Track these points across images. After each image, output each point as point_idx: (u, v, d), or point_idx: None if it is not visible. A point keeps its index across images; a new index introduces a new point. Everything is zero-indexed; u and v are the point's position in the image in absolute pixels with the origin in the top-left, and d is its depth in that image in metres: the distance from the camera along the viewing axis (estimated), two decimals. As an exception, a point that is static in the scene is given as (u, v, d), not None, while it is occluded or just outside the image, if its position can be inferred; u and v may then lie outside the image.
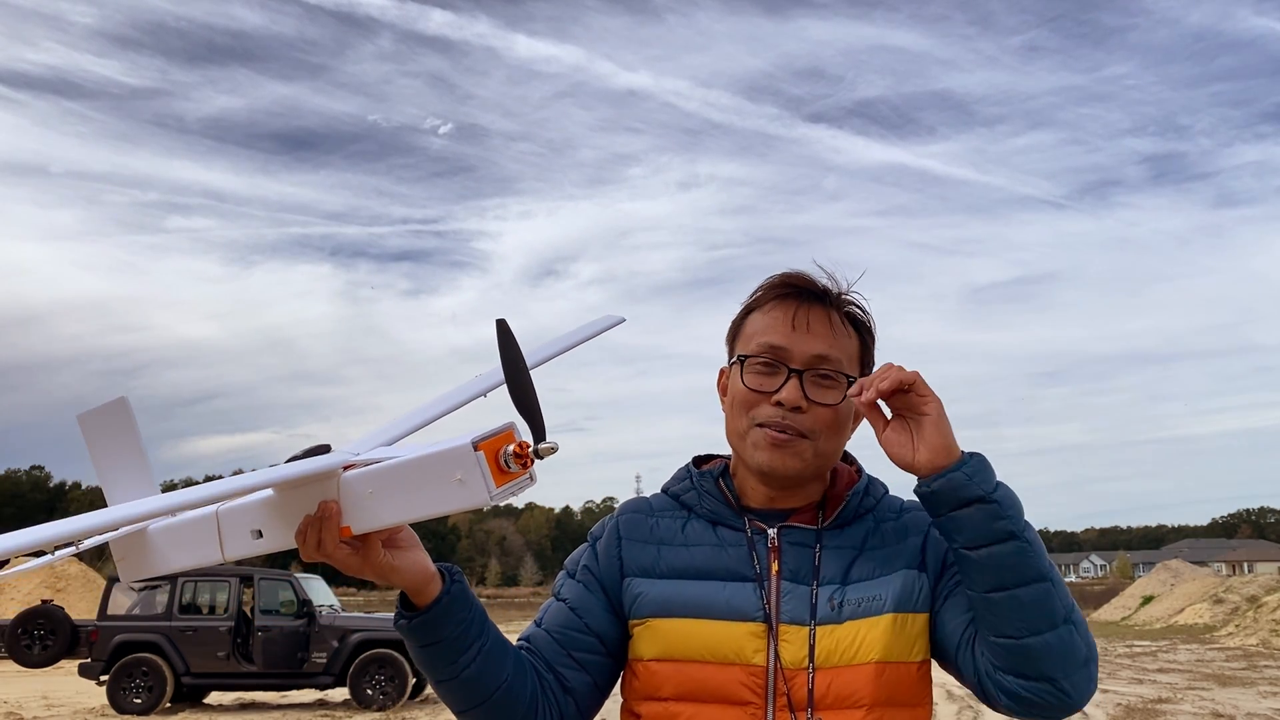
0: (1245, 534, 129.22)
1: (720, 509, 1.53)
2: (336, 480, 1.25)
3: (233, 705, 15.25)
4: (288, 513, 1.29)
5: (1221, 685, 15.54)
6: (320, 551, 1.26)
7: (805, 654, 1.40)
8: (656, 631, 1.45)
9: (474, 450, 1.15)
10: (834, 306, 1.51)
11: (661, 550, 1.51)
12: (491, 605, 65.61)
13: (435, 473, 1.18)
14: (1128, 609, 41.42)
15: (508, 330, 1.20)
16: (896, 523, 1.52)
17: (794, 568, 1.46)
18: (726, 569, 1.47)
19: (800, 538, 1.48)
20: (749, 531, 1.49)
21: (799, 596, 1.44)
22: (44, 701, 15.20)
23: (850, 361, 1.50)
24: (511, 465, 1.17)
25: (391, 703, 13.97)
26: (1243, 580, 38.57)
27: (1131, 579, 65.66)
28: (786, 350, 1.47)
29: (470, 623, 1.38)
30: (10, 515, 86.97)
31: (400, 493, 1.21)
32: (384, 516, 1.23)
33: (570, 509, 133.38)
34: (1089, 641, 1.36)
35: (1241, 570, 71.68)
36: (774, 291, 1.52)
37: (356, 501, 1.24)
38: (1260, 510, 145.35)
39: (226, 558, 1.36)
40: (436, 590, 1.36)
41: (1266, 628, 26.63)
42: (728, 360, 1.57)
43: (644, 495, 1.64)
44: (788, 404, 1.45)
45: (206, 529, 1.36)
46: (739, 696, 1.40)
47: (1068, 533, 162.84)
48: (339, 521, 1.25)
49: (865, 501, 1.53)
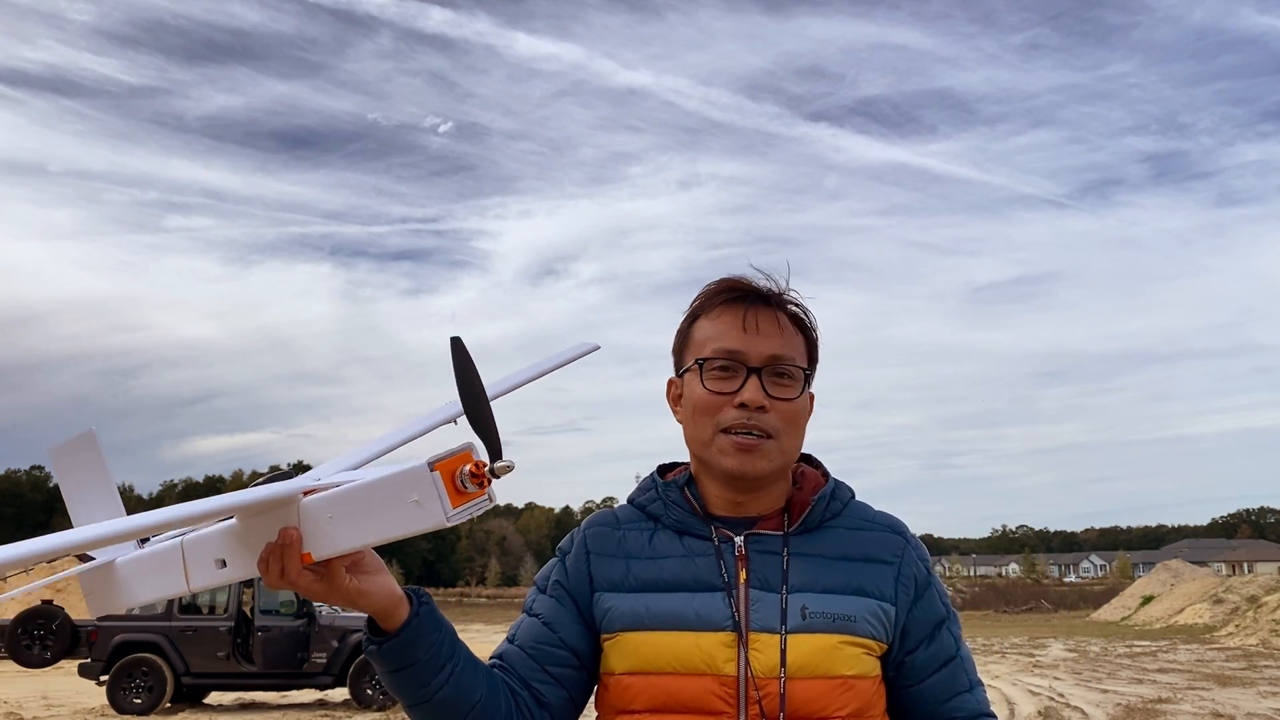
0: (1245, 534, 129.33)
1: (686, 518, 1.53)
2: (296, 506, 1.24)
3: (233, 705, 15.24)
4: (250, 541, 1.28)
5: (1221, 685, 15.54)
6: (284, 579, 1.25)
7: (776, 662, 1.41)
8: (627, 645, 1.46)
9: (430, 471, 1.14)
10: (778, 307, 1.53)
11: (630, 564, 1.51)
12: (491, 605, 65.49)
13: (392, 495, 1.17)
14: (1128, 609, 41.42)
15: (463, 348, 1.20)
16: (870, 534, 1.53)
17: (762, 575, 1.46)
18: (695, 579, 1.47)
19: (767, 544, 1.49)
20: (716, 540, 1.49)
21: (768, 604, 1.44)
22: (44, 701, 15.20)
23: (801, 358, 1.52)
24: (468, 485, 1.15)
25: (391, 703, 13.96)
26: (1243, 580, 38.59)
27: (1131, 579, 65.68)
28: (743, 352, 1.48)
29: (441, 644, 1.37)
30: (10, 515, 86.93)
31: (359, 516, 1.20)
32: (344, 541, 1.22)
33: (570, 509, 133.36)
34: None
35: (1241, 570, 71.71)
36: (719, 297, 1.54)
37: (317, 527, 1.23)
38: (1260, 510, 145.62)
39: (192, 589, 1.35)
40: (405, 614, 1.35)
41: (1266, 628, 26.63)
42: (675, 370, 1.58)
43: (610, 507, 1.65)
44: (751, 404, 1.46)
45: (171, 560, 1.35)
46: (711, 706, 1.40)
47: (1068, 533, 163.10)
48: (300, 548, 1.23)
49: (832, 506, 1.53)
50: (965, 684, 1.52)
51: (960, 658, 1.53)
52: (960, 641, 1.55)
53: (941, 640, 1.51)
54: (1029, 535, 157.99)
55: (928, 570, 1.54)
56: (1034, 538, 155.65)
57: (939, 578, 1.56)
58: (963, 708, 1.51)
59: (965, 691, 1.52)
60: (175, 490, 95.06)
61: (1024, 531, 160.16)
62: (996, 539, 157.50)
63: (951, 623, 1.54)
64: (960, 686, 1.52)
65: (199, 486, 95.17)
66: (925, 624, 1.50)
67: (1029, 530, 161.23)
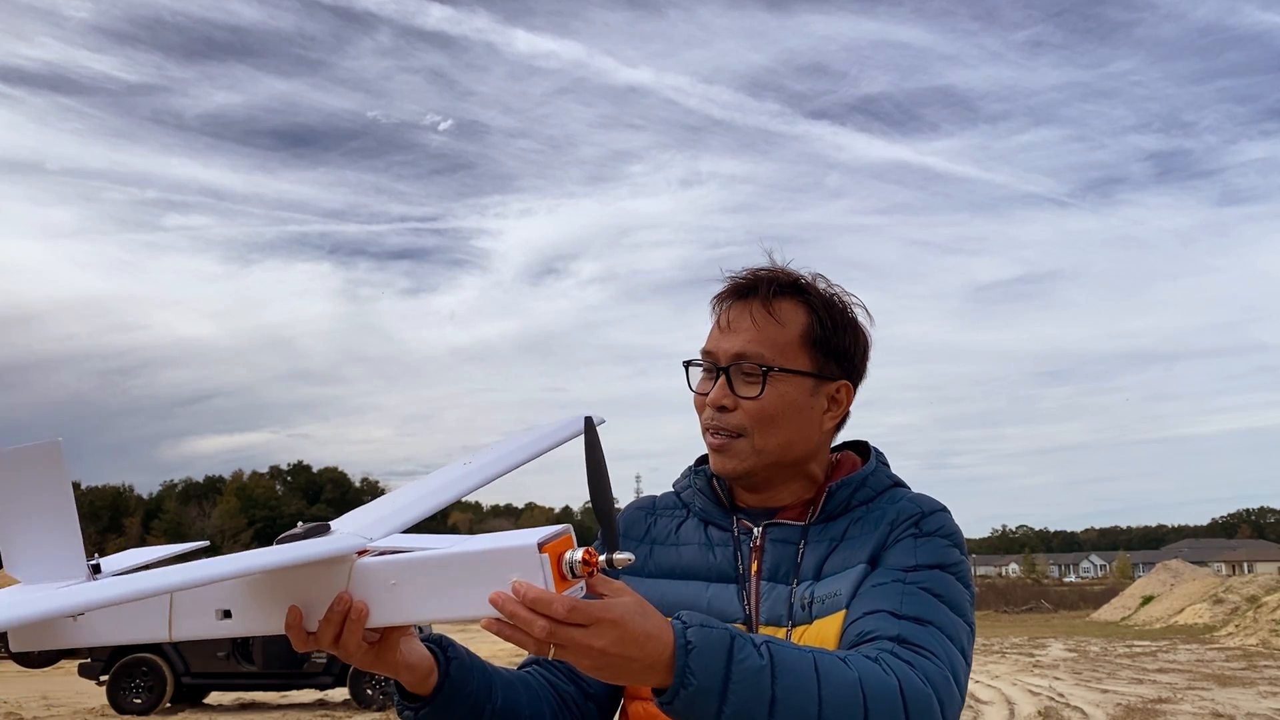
0: (1245, 534, 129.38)
1: (711, 508, 1.53)
2: (349, 567, 1.14)
3: (233, 705, 15.24)
4: (274, 595, 1.17)
5: (1221, 685, 15.54)
6: (337, 647, 1.15)
7: None
8: None
9: (539, 552, 1.05)
10: (765, 297, 1.47)
11: (654, 550, 1.53)
12: (491, 605, 65.32)
13: (486, 570, 1.06)
14: (1128, 609, 41.41)
15: (594, 431, 1.12)
16: (888, 511, 1.45)
17: (773, 567, 1.44)
18: (712, 569, 1.47)
19: (785, 535, 1.47)
20: (735, 531, 1.49)
21: (778, 596, 1.42)
22: (44, 701, 15.19)
23: (779, 351, 1.45)
24: (576, 573, 1.06)
25: (391, 702, 13.94)
26: (1243, 580, 38.58)
27: (1131, 579, 65.66)
28: (713, 352, 1.49)
29: (476, 692, 1.33)
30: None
31: (436, 588, 1.10)
32: (410, 612, 1.12)
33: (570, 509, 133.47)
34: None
35: (1241, 570, 71.69)
36: (719, 294, 1.53)
37: (374, 593, 1.13)
38: (1260, 510, 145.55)
39: (175, 638, 1.22)
40: (436, 676, 1.30)
41: (1266, 628, 26.63)
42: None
43: (654, 494, 1.65)
44: (712, 404, 1.46)
45: (154, 601, 1.21)
46: None
47: (1068, 533, 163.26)
48: (366, 620, 1.13)
49: (860, 493, 1.48)
50: (881, 606, 1.32)
51: (904, 586, 1.34)
52: (936, 596, 1.34)
53: (891, 574, 1.37)
54: (1029, 535, 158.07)
55: (925, 531, 1.41)
56: (1034, 538, 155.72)
57: (958, 555, 1.41)
58: (864, 626, 1.31)
59: (875, 613, 1.31)
60: (175, 490, 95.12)
61: (1024, 531, 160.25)
62: (996, 539, 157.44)
63: (925, 574, 1.37)
64: (871, 607, 1.32)
65: (199, 486, 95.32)
66: (888, 568, 1.38)
67: (1029, 530, 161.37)
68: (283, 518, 79.00)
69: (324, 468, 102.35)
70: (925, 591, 1.34)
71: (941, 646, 1.28)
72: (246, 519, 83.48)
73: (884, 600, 1.33)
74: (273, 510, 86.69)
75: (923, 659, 1.24)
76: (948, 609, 1.34)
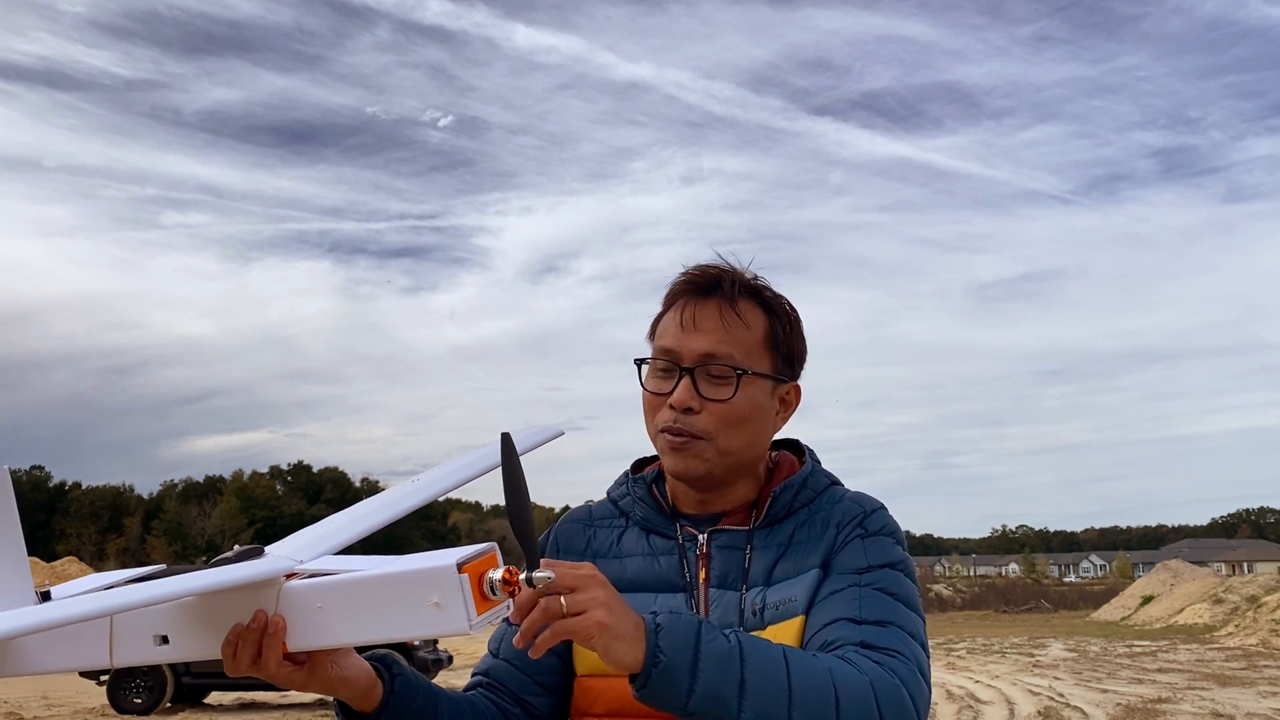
0: (1245, 534, 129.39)
1: (653, 516, 1.50)
2: (277, 590, 1.14)
3: (233, 705, 15.26)
4: (208, 620, 1.16)
5: (1221, 685, 15.54)
6: (258, 667, 1.15)
7: None
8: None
9: (458, 573, 1.05)
10: (728, 297, 1.45)
11: (596, 564, 1.46)
12: (491, 605, 65.29)
13: (406, 593, 1.07)
14: (1128, 609, 41.44)
15: (512, 447, 1.12)
16: (831, 512, 1.44)
17: (721, 573, 1.42)
18: (658, 579, 1.44)
19: (730, 540, 1.45)
20: (680, 539, 1.46)
21: (727, 603, 1.40)
22: (44, 701, 15.20)
23: (747, 353, 1.43)
24: (497, 592, 1.07)
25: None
26: (1243, 580, 38.61)
27: (1131, 579, 65.68)
28: (676, 351, 1.44)
29: (423, 707, 1.31)
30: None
31: (359, 611, 1.10)
32: (335, 635, 1.12)
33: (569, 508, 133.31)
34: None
35: (1241, 570, 71.72)
36: (674, 291, 1.49)
37: (301, 616, 1.13)
38: (1260, 510, 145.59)
39: (116, 663, 1.21)
40: (380, 692, 1.28)
41: (1266, 628, 26.64)
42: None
43: (589, 504, 1.61)
44: (678, 405, 1.42)
45: (95, 627, 1.19)
46: None
47: (1068, 532, 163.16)
48: (283, 638, 1.14)
49: (802, 495, 1.47)
50: (841, 615, 1.33)
51: (860, 590, 1.36)
52: (891, 595, 1.36)
53: (846, 579, 1.37)
54: (1029, 535, 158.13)
55: (871, 531, 1.42)
56: (1034, 537, 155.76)
57: (902, 551, 1.43)
58: (826, 636, 1.32)
59: (835, 622, 1.33)
60: (175, 490, 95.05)
61: (1024, 531, 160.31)
62: (996, 539, 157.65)
63: (877, 574, 1.38)
64: (832, 617, 1.33)
65: (199, 486, 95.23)
66: (841, 573, 1.38)
67: (1029, 530, 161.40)
68: (283, 518, 78.92)
69: (324, 467, 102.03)
70: (881, 592, 1.36)
71: (905, 644, 1.31)
72: (247, 519, 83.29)
73: (843, 608, 1.34)
74: (273, 510, 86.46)
75: (889, 658, 1.27)
76: (904, 606, 1.36)
